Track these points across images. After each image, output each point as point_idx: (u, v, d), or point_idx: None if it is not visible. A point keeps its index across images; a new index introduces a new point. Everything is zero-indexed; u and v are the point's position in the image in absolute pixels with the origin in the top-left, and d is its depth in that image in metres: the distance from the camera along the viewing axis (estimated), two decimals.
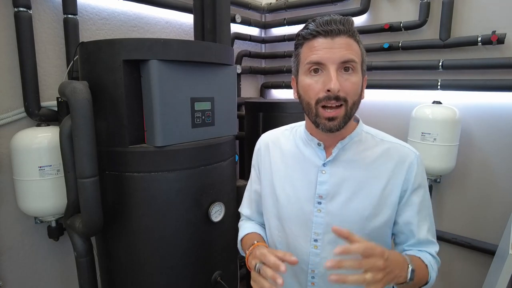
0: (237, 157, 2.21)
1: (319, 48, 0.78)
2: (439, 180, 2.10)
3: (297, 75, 0.86)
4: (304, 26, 0.83)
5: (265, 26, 2.85)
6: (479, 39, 1.84)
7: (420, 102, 2.04)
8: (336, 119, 0.78)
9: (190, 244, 1.35)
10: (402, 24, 2.11)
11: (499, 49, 1.87)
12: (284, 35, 2.71)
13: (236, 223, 1.15)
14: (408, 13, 2.14)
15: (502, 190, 1.96)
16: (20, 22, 1.46)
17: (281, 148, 0.98)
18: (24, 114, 1.55)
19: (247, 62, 2.79)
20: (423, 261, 0.85)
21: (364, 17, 2.32)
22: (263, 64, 2.99)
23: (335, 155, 0.87)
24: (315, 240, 0.88)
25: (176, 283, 1.36)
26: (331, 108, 0.78)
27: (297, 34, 0.85)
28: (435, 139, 1.89)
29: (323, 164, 0.88)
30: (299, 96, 0.86)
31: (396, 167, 0.86)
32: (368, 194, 0.85)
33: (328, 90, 0.76)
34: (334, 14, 0.81)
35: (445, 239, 2.13)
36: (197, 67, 1.29)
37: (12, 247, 1.60)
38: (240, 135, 2.20)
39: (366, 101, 2.35)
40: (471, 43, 1.88)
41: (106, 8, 1.83)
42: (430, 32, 2.07)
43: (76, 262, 1.38)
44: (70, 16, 1.60)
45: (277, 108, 1.98)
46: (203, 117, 1.34)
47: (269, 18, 2.88)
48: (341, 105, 0.78)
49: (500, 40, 1.78)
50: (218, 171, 1.41)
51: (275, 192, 0.95)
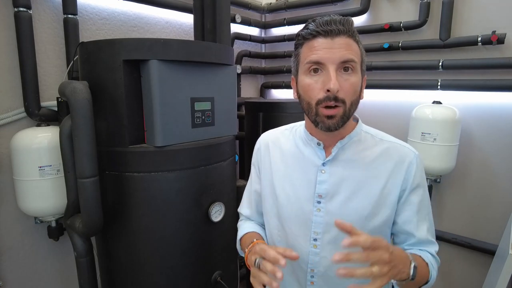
0: (237, 157, 2.21)
1: (319, 48, 0.78)
2: (439, 180, 2.10)
3: (296, 75, 0.86)
4: (304, 26, 0.83)
5: (265, 26, 2.85)
6: (479, 39, 1.84)
7: (420, 102, 2.04)
8: (335, 117, 0.79)
9: (190, 244, 1.35)
10: (402, 24, 2.11)
11: (499, 49, 1.87)
12: (284, 35, 2.71)
13: (236, 223, 1.15)
14: (408, 13, 2.14)
15: (502, 190, 1.96)
16: (20, 22, 1.46)
17: (281, 148, 0.98)
18: (24, 114, 1.55)
19: (247, 62, 2.79)
20: (423, 259, 0.85)
21: (364, 17, 2.32)
22: (263, 64, 2.99)
23: (334, 155, 0.87)
24: (315, 240, 0.88)
25: (176, 283, 1.36)
26: (330, 107, 0.78)
27: (297, 34, 0.85)
28: (435, 139, 1.89)
29: (323, 164, 0.88)
30: (299, 96, 0.86)
31: (395, 167, 0.86)
32: (368, 194, 0.85)
33: (327, 90, 0.76)
34: (334, 14, 0.81)
35: (445, 239, 2.13)
36: (197, 67, 1.29)
37: (12, 247, 1.60)
38: (240, 135, 2.20)
39: (366, 101, 2.36)
40: (471, 43, 1.89)
41: (106, 8, 1.83)
42: (430, 32, 2.07)
43: (76, 262, 1.38)
44: (70, 16, 1.60)
45: (277, 108, 1.98)
46: (203, 117, 1.34)
47: (269, 18, 2.88)
48: (339, 105, 0.78)
49: (500, 40, 1.78)
50: (218, 171, 1.41)
51: (275, 191, 0.95)
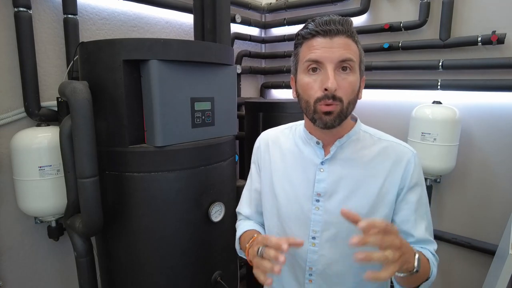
0: (237, 157, 2.21)
1: (318, 47, 0.79)
2: (439, 180, 2.10)
3: (296, 74, 0.87)
4: (303, 26, 0.84)
5: (265, 26, 2.85)
6: (479, 39, 1.84)
7: (420, 102, 2.04)
8: (332, 114, 0.79)
9: (190, 244, 1.35)
10: (402, 24, 2.11)
11: (499, 49, 1.86)
12: (284, 35, 2.71)
13: (236, 223, 1.14)
14: (408, 13, 2.14)
15: (502, 190, 1.96)
16: (20, 22, 1.46)
17: (280, 147, 0.99)
18: (24, 114, 1.55)
19: (247, 62, 2.79)
20: (424, 255, 0.85)
21: (364, 17, 2.32)
22: (263, 64, 2.99)
23: (333, 153, 0.88)
24: (313, 238, 0.89)
25: (176, 283, 1.36)
26: (328, 105, 0.79)
27: (296, 34, 0.86)
28: (435, 139, 1.89)
29: (321, 162, 0.89)
30: (298, 94, 0.86)
31: (393, 166, 0.86)
32: (366, 193, 0.86)
33: (325, 89, 0.77)
34: (333, 14, 0.82)
35: (445, 239, 2.13)
36: (197, 67, 1.29)
37: (12, 247, 1.60)
38: (240, 135, 2.20)
39: (366, 101, 2.37)
40: (471, 43, 1.88)
41: (106, 8, 1.83)
42: (430, 32, 2.07)
43: (76, 262, 1.38)
44: (70, 16, 1.60)
45: (277, 108, 1.98)
46: (203, 117, 1.34)
47: (269, 18, 2.88)
48: (336, 104, 0.79)
49: (500, 40, 1.78)
50: (218, 171, 1.41)
51: (274, 190, 0.96)
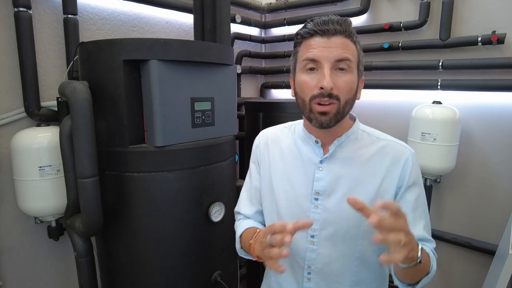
0: (237, 157, 2.21)
1: (316, 47, 0.80)
2: (439, 180, 2.10)
3: (294, 73, 0.88)
4: (303, 25, 0.85)
5: (265, 26, 2.85)
6: (479, 39, 1.84)
7: (420, 102, 2.04)
8: (328, 114, 0.80)
9: (190, 244, 1.35)
10: (402, 24, 2.11)
11: (499, 49, 1.86)
12: (284, 35, 2.71)
13: None
14: (408, 13, 2.14)
15: (502, 190, 1.96)
16: (20, 22, 1.46)
17: (280, 146, 0.99)
18: (24, 114, 1.55)
19: (247, 62, 2.79)
20: (425, 249, 0.85)
21: (364, 17, 2.32)
22: (263, 64, 2.99)
23: (332, 152, 0.89)
24: (312, 236, 0.89)
25: (176, 283, 1.36)
26: (324, 104, 0.80)
27: (296, 33, 0.87)
28: (435, 139, 1.89)
29: (320, 161, 0.90)
30: (296, 93, 0.87)
31: (392, 165, 0.87)
32: (364, 191, 0.86)
33: (321, 88, 0.78)
34: (332, 14, 0.83)
35: (445, 239, 2.13)
36: (197, 67, 1.29)
37: (12, 247, 1.60)
38: (240, 135, 2.20)
39: (366, 101, 2.37)
40: (471, 43, 1.89)
41: (106, 8, 1.83)
42: (430, 32, 2.07)
43: (76, 262, 1.38)
44: (70, 16, 1.60)
45: (277, 108, 1.98)
46: (203, 117, 1.34)
47: (269, 18, 2.88)
48: (333, 103, 0.79)
49: (500, 40, 1.78)
50: (218, 171, 1.41)
51: (273, 189, 0.96)
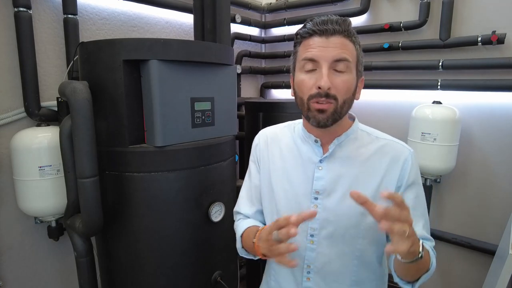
0: (237, 157, 2.21)
1: (314, 46, 0.80)
2: (439, 180, 2.10)
3: (294, 72, 0.88)
4: (302, 25, 0.85)
5: (265, 26, 2.85)
6: (479, 39, 1.84)
7: (420, 102, 2.04)
8: (325, 112, 0.80)
9: (190, 244, 1.35)
10: (402, 24, 2.11)
11: (499, 49, 1.87)
12: (284, 35, 2.71)
13: None
14: (408, 13, 2.14)
15: (502, 190, 1.96)
16: (20, 22, 1.46)
17: (279, 145, 0.99)
18: (24, 114, 1.55)
19: (247, 62, 2.79)
20: (424, 246, 0.85)
21: (364, 17, 2.32)
22: (263, 64, 2.99)
23: (331, 151, 0.89)
24: (311, 235, 0.89)
25: (176, 283, 1.36)
26: (321, 103, 0.80)
27: (296, 33, 0.87)
28: (435, 139, 1.89)
29: (320, 160, 0.90)
30: (295, 92, 0.88)
31: (391, 164, 0.87)
32: (364, 191, 0.86)
33: (319, 87, 0.78)
34: (332, 14, 0.83)
35: (445, 239, 2.13)
36: (197, 67, 1.29)
37: (12, 247, 1.60)
38: (240, 135, 2.20)
39: (366, 101, 2.37)
40: (471, 43, 1.89)
41: (106, 8, 1.83)
42: (430, 32, 2.07)
43: (76, 262, 1.38)
44: (70, 16, 1.60)
45: (277, 108, 1.98)
46: (203, 117, 1.34)
47: (269, 18, 2.88)
48: (331, 102, 0.80)
49: (500, 40, 1.78)
50: (218, 171, 1.41)
51: (273, 188, 0.96)
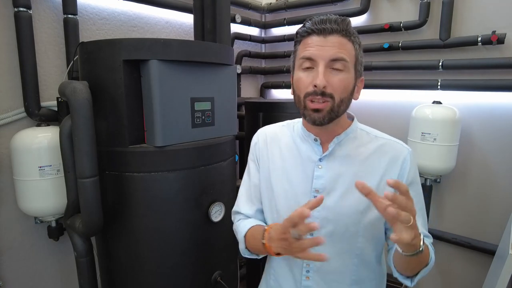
0: (237, 157, 2.21)
1: (312, 45, 0.81)
2: (439, 180, 2.10)
3: (293, 71, 0.89)
4: (302, 24, 0.86)
5: (265, 26, 2.85)
6: (479, 39, 1.84)
7: (420, 102, 2.04)
8: (321, 111, 0.81)
9: (190, 244, 1.35)
10: (402, 24, 2.11)
11: (499, 49, 1.86)
12: (284, 35, 2.71)
13: None
14: (408, 13, 2.14)
15: (502, 190, 1.96)
16: (20, 22, 1.46)
17: (279, 144, 0.99)
18: (24, 114, 1.55)
19: (247, 62, 2.79)
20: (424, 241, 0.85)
21: (364, 17, 2.32)
22: (263, 64, 2.99)
23: (331, 150, 0.89)
24: (311, 234, 0.88)
25: (176, 283, 1.36)
26: (318, 102, 0.81)
27: (296, 32, 0.88)
28: (435, 139, 1.89)
29: (320, 159, 0.90)
30: (293, 91, 0.88)
31: (390, 163, 0.88)
32: None
33: (314, 86, 0.79)
34: (331, 14, 0.84)
35: (445, 239, 2.13)
36: (197, 67, 1.29)
37: (12, 247, 1.60)
38: (240, 135, 2.20)
39: (367, 101, 2.37)
40: (471, 43, 1.89)
41: (106, 8, 1.83)
42: (430, 32, 2.07)
43: (76, 262, 1.38)
44: (70, 16, 1.60)
45: (277, 108, 1.98)
46: (203, 117, 1.34)
47: (269, 18, 2.88)
48: (327, 101, 0.80)
49: (500, 40, 1.78)
50: (218, 171, 1.41)
51: (272, 187, 0.96)
